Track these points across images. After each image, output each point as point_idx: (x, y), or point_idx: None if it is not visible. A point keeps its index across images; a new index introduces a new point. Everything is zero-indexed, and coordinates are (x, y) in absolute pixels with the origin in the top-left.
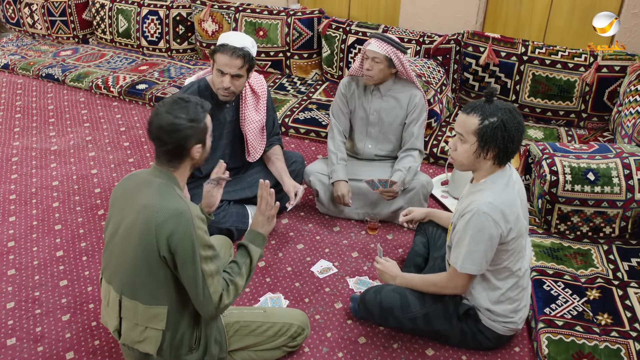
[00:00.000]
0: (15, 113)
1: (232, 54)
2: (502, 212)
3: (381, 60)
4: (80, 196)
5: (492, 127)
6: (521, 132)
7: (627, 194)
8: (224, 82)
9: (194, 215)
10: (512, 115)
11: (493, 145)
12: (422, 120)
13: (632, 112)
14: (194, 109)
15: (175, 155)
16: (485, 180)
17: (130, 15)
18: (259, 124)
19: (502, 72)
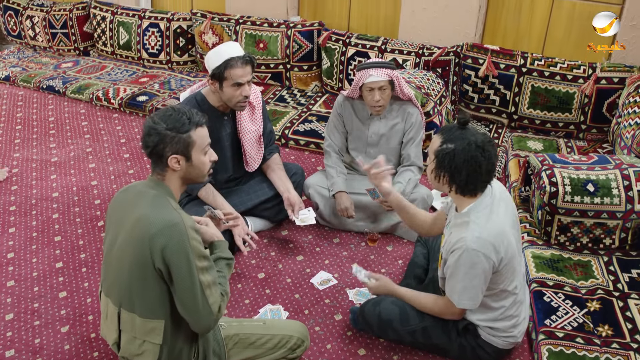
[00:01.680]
0: (15, 125)
1: (242, 63)
2: (491, 245)
3: (387, 86)
4: (80, 207)
5: (443, 153)
6: (473, 167)
7: (627, 205)
8: (244, 91)
9: (187, 227)
10: (469, 148)
11: (443, 170)
12: (420, 139)
13: (631, 124)
14: (177, 119)
15: (157, 163)
16: (468, 210)
17: (131, 28)
18: (255, 133)
19: (502, 84)
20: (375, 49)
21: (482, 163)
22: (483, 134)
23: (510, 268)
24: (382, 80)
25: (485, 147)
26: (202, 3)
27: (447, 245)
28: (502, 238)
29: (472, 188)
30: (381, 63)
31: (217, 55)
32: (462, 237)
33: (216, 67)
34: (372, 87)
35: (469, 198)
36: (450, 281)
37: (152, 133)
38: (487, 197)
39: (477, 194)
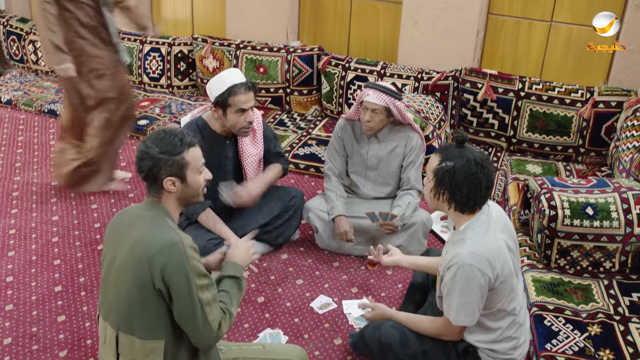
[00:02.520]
0: (17, 148)
1: (245, 89)
2: (487, 260)
3: (380, 111)
4: (79, 231)
5: (443, 171)
6: (474, 183)
7: (626, 228)
8: (248, 117)
9: (186, 246)
10: (468, 165)
11: (444, 188)
12: (420, 163)
13: (630, 147)
14: (170, 141)
15: (152, 186)
16: (464, 227)
17: (133, 52)
18: (257, 157)
19: (500, 108)
20: (375, 74)
21: (482, 179)
22: (480, 152)
23: (507, 286)
24: (376, 103)
25: (484, 164)
26: (203, 28)
27: (443, 262)
28: (498, 254)
29: (472, 204)
30: (384, 88)
31: (219, 83)
32: (458, 253)
33: (219, 94)
34: (366, 106)
35: (467, 215)
36: (447, 299)
37: (145, 157)
38: (484, 215)
39: (476, 211)
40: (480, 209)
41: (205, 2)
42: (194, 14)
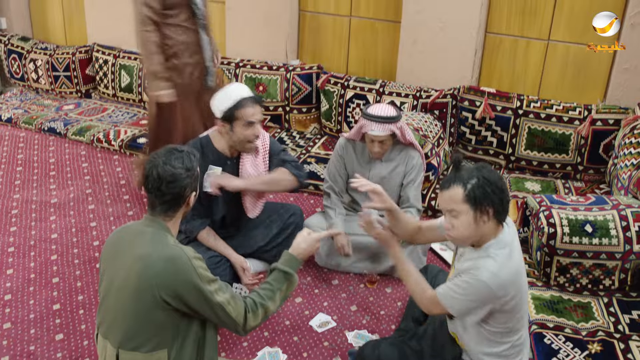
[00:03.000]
0: (16, 166)
1: (252, 103)
2: (502, 283)
3: (387, 139)
4: (78, 249)
5: (478, 187)
6: (504, 180)
7: (625, 245)
8: (256, 130)
9: (190, 257)
10: (488, 169)
11: (487, 203)
12: (420, 181)
13: (628, 165)
14: (188, 158)
15: (172, 205)
16: (487, 246)
17: (133, 71)
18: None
19: (498, 126)
20: (374, 92)
21: (500, 175)
22: (472, 165)
23: (517, 305)
24: (382, 135)
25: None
26: None
27: (457, 272)
28: (516, 279)
29: (509, 205)
30: (385, 118)
31: (226, 97)
32: (477, 266)
33: (227, 108)
34: (373, 139)
35: (500, 227)
36: (450, 285)
37: (177, 179)
38: (507, 234)
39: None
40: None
41: None
42: None
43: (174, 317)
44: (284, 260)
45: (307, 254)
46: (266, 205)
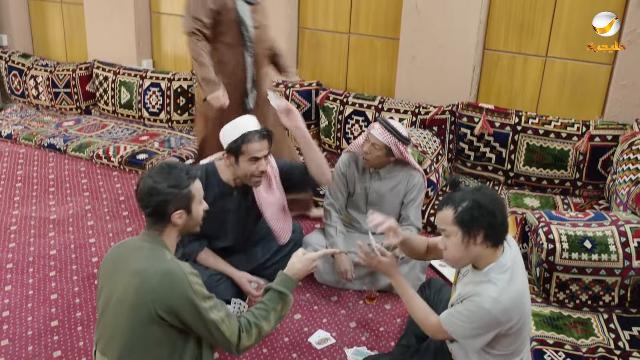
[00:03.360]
0: (16, 182)
1: (259, 137)
2: (505, 309)
3: (380, 148)
4: (77, 265)
5: (467, 210)
6: (499, 204)
7: (625, 261)
8: (261, 166)
9: (186, 273)
10: (482, 193)
11: (476, 226)
12: (420, 201)
13: (626, 180)
14: (177, 175)
15: (157, 219)
16: (488, 270)
17: (133, 88)
18: (276, 205)
19: (497, 142)
20: (372, 108)
21: (500, 198)
22: (471, 186)
23: (523, 331)
24: (377, 139)
25: (487, 187)
26: None
27: (459, 297)
28: (519, 302)
29: (506, 228)
30: (391, 127)
31: (233, 129)
32: (479, 293)
33: (233, 140)
34: (369, 138)
35: (497, 250)
36: (453, 311)
37: (153, 193)
38: (507, 257)
39: (503, 243)
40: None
41: None
42: None
43: (170, 333)
44: (279, 281)
45: (303, 274)
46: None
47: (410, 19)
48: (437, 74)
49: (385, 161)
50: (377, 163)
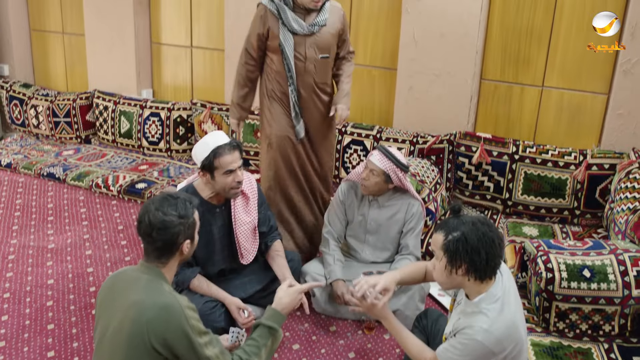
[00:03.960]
0: (14, 211)
1: (229, 149)
2: (497, 340)
3: (378, 174)
4: (75, 295)
5: (454, 242)
6: (487, 243)
7: (624, 290)
8: (237, 177)
9: (183, 307)
10: (476, 228)
11: (459, 259)
12: (419, 230)
13: (624, 209)
14: (183, 205)
15: (165, 252)
16: (479, 300)
17: (133, 117)
18: (250, 225)
19: (495, 171)
20: (371, 138)
21: (494, 237)
22: (478, 214)
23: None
24: (376, 165)
25: (488, 222)
26: (202, 93)
27: (453, 329)
28: (512, 331)
29: (493, 266)
30: (390, 154)
31: (204, 146)
32: (472, 325)
33: (205, 158)
34: (367, 164)
35: (485, 284)
36: (447, 346)
37: (167, 226)
38: (498, 287)
39: (494, 276)
40: (495, 275)
41: (205, 68)
42: (194, 80)
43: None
44: (267, 316)
45: (291, 307)
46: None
47: (408, 50)
48: (435, 104)
49: (384, 188)
50: (376, 190)
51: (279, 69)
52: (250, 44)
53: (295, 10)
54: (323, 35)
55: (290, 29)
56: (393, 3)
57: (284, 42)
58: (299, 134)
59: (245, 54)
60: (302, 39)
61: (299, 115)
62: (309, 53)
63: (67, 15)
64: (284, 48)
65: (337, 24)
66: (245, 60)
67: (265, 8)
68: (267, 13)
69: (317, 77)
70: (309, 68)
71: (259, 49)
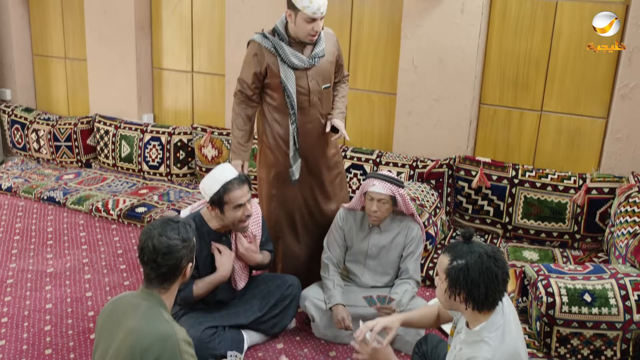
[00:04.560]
0: (14, 235)
1: (239, 184)
2: None
3: (387, 201)
4: (73, 319)
5: (456, 269)
6: (490, 278)
7: (625, 315)
8: (247, 210)
9: (180, 339)
10: (480, 260)
11: (459, 288)
12: (419, 254)
13: (624, 233)
14: (184, 229)
15: (168, 277)
16: (480, 329)
17: (133, 141)
18: None
19: (495, 195)
20: (371, 162)
21: (498, 273)
22: (490, 245)
23: None
24: (382, 193)
25: (496, 256)
26: (203, 118)
27: (452, 356)
28: (514, 359)
29: (492, 301)
30: (388, 177)
31: (212, 181)
32: (474, 355)
33: (214, 193)
34: (372, 197)
35: (484, 314)
36: None
37: (172, 251)
38: (499, 315)
39: (494, 308)
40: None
41: (206, 93)
42: (195, 104)
43: None
44: None
45: None
46: (264, 276)
47: (407, 75)
48: (434, 128)
49: (391, 211)
50: (386, 216)
51: (279, 105)
52: (246, 84)
53: (291, 43)
54: (323, 65)
55: (290, 65)
56: (392, 29)
57: (285, 79)
58: (294, 174)
59: (240, 95)
60: (303, 72)
61: (297, 153)
62: (312, 86)
63: (70, 40)
64: (286, 85)
65: (333, 51)
66: (241, 100)
67: (260, 46)
68: (263, 50)
69: (323, 109)
70: (314, 101)
71: (256, 88)
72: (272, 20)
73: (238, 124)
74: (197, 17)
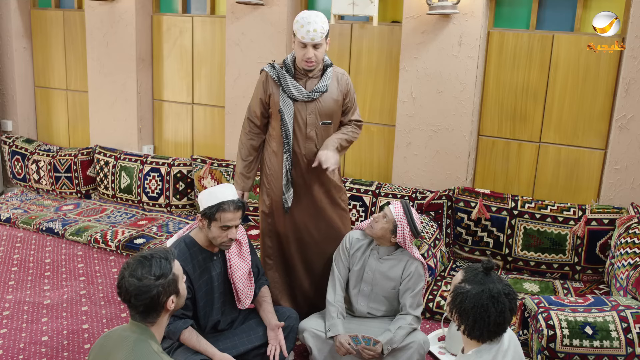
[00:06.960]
0: (12, 266)
1: (234, 208)
2: None
3: (388, 221)
4: (69, 352)
5: (458, 291)
6: (481, 315)
7: (627, 348)
8: (231, 234)
9: None
10: (481, 296)
11: (454, 308)
12: (419, 290)
13: (625, 264)
14: (158, 265)
15: (149, 313)
16: (472, 353)
17: (133, 172)
18: (245, 270)
19: (494, 227)
20: (370, 193)
21: (492, 314)
22: (505, 285)
23: None
24: (390, 212)
25: (500, 298)
26: (203, 149)
27: None
28: None
29: (478, 334)
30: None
31: (211, 196)
32: None
33: (208, 207)
34: (385, 212)
35: (475, 342)
36: None
37: (143, 291)
38: (495, 346)
39: (484, 341)
40: (491, 341)
41: (206, 124)
42: (194, 136)
43: None
44: None
45: None
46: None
47: (406, 106)
48: (433, 160)
49: (387, 238)
50: (379, 235)
51: (277, 135)
52: (253, 111)
53: (297, 76)
54: (325, 101)
55: (289, 95)
56: (391, 61)
57: (283, 108)
58: (287, 202)
59: (248, 122)
60: (303, 105)
61: (289, 183)
62: (309, 119)
63: (72, 72)
64: (283, 114)
65: (341, 90)
66: (248, 129)
67: (267, 74)
68: (268, 79)
69: (319, 144)
70: (311, 134)
71: (262, 116)
72: (271, 53)
73: (242, 154)
74: (197, 50)
